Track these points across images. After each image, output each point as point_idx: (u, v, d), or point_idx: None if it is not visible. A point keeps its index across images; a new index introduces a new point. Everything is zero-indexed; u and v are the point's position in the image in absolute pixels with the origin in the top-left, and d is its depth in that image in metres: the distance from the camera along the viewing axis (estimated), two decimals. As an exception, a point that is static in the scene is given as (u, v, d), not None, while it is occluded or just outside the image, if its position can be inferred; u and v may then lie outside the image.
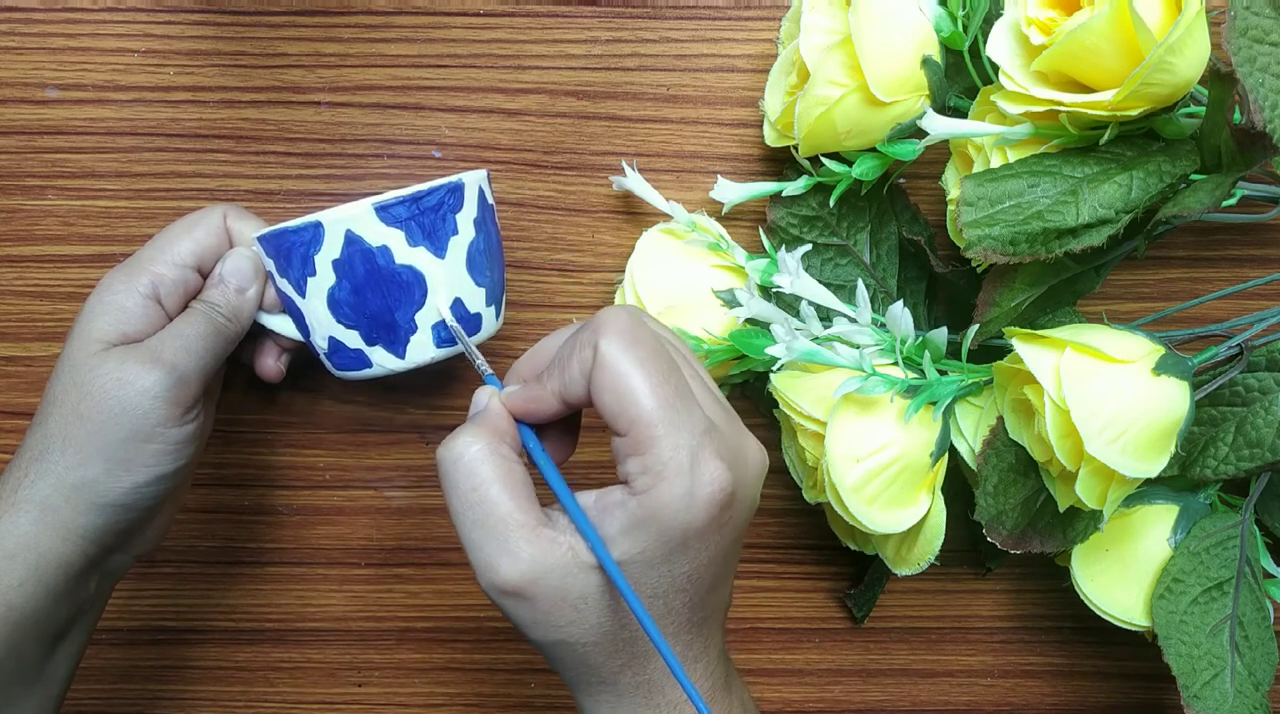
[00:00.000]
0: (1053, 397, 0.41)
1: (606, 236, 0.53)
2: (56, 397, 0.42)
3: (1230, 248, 0.53)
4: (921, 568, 0.47)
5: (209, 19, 0.51)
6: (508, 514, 0.36)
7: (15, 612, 0.40)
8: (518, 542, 0.36)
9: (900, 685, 0.56)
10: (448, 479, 0.37)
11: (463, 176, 0.44)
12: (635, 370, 0.36)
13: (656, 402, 0.35)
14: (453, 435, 0.38)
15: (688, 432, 0.35)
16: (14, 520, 0.41)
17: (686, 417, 0.36)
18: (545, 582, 0.36)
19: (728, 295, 0.48)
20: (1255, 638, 0.47)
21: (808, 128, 0.45)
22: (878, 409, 0.44)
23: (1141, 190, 0.43)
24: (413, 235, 0.42)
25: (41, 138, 0.51)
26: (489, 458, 0.37)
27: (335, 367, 0.45)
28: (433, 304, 0.44)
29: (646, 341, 0.36)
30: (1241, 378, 0.46)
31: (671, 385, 0.36)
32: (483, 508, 0.36)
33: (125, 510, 0.42)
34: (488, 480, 0.37)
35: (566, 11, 0.51)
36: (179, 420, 0.42)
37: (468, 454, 0.37)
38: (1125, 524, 0.48)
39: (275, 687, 0.56)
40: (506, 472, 0.37)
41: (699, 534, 0.36)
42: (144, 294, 0.43)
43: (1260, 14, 0.43)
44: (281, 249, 0.43)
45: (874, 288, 0.50)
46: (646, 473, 0.35)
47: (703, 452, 0.35)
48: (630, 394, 0.35)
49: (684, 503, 0.35)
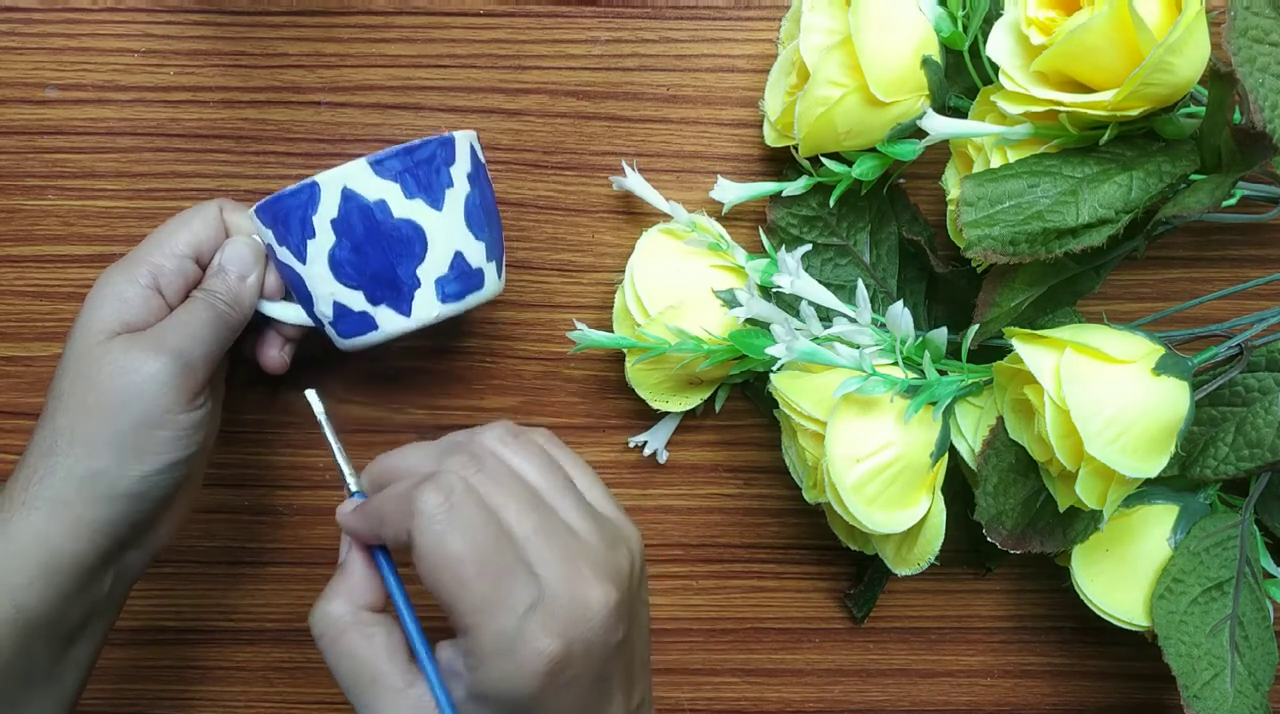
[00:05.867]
0: (1053, 397, 0.41)
1: (606, 236, 0.53)
2: (62, 390, 0.42)
3: (1230, 248, 0.53)
4: (921, 568, 0.47)
5: (209, 19, 0.51)
6: (375, 679, 0.38)
7: (25, 611, 0.40)
8: (394, 706, 0.38)
9: (900, 685, 0.56)
10: (320, 645, 0.40)
11: (453, 133, 0.44)
12: (448, 563, 0.36)
13: (471, 593, 0.36)
14: (321, 601, 0.40)
15: (506, 615, 0.36)
16: (25, 518, 0.41)
17: (506, 599, 0.36)
18: None
19: (728, 295, 0.48)
20: (1255, 638, 0.47)
21: (808, 128, 0.45)
22: (878, 409, 0.44)
23: (1141, 190, 0.43)
24: (408, 187, 0.43)
25: (41, 138, 0.51)
26: (350, 628, 0.39)
27: (341, 334, 0.45)
28: (434, 258, 0.44)
29: (464, 525, 0.37)
30: (1241, 378, 0.46)
31: (490, 571, 0.36)
32: (354, 674, 0.39)
33: (137, 500, 0.42)
34: (350, 651, 0.39)
35: (566, 11, 0.51)
36: (186, 406, 0.42)
37: (332, 628, 0.39)
38: (1125, 524, 0.48)
39: (275, 687, 0.56)
40: (368, 640, 0.39)
41: (538, 700, 0.36)
42: (144, 285, 0.43)
43: (1260, 14, 0.43)
44: (279, 215, 0.43)
45: (874, 288, 0.50)
46: (472, 654, 0.36)
47: (524, 632, 0.36)
48: (445, 585, 0.36)
49: (511, 682, 0.36)
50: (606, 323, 0.51)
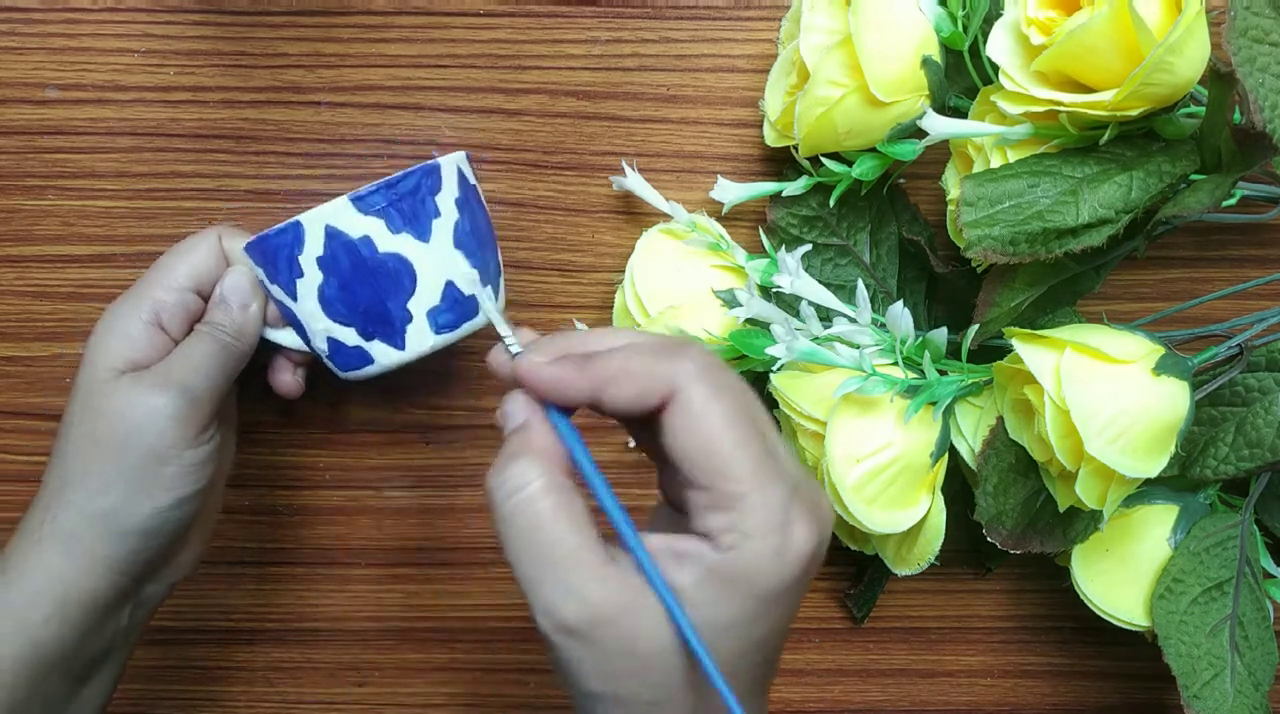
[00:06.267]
0: (1053, 397, 0.41)
1: (606, 236, 0.53)
2: (71, 429, 0.42)
3: (1230, 248, 0.53)
4: (921, 568, 0.47)
5: (209, 19, 0.51)
6: (572, 551, 0.33)
7: (41, 648, 0.40)
8: (586, 581, 0.33)
9: (900, 685, 0.56)
10: (502, 512, 0.34)
11: (439, 159, 0.43)
12: (723, 422, 0.33)
13: (747, 457, 0.33)
14: (503, 463, 0.35)
15: (779, 490, 0.33)
16: (40, 556, 0.41)
17: (776, 474, 0.34)
18: (614, 626, 0.33)
19: (728, 295, 0.48)
20: (1255, 638, 0.47)
21: (808, 128, 0.45)
22: (878, 409, 0.44)
23: (1141, 190, 0.43)
24: (393, 222, 0.42)
25: (41, 138, 0.51)
26: (549, 492, 0.34)
27: (339, 368, 0.45)
28: (424, 290, 0.43)
29: (732, 390, 0.34)
30: (1241, 378, 0.46)
31: (759, 440, 0.34)
32: (545, 546, 0.33)
33: (149, 537, 0.42)
34: (549, 517, 0.34)
35: (566, 11, 0.51)
36: (194, 441, 0.42)
37: (526, 489, 0.34)
38: (1125, 524, 0.48)
39: (275, 687, 0.56)
40: (568, 505, 0.34)
41: (785, 595, 0.34)
42: (146, 321, 0.43)
43: (1260, 14, 0.43)
44: (268, 254, 0.43)
45: (874, 288, 0.50)
46: (733, 530, 0.33)
47: (794, 510, 0.33)
48: (718, 448, 0.33)
49: (776, 564, 0.33)
50: (606, 323, 0.51)
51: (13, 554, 0.42)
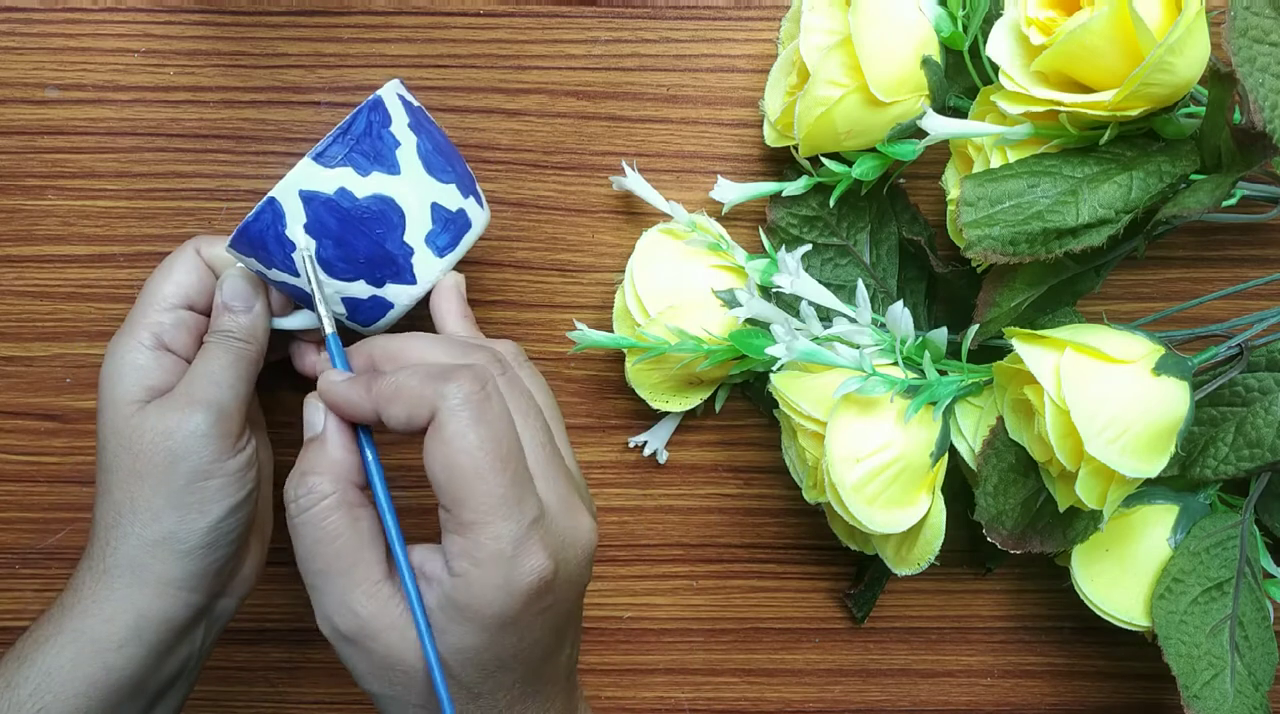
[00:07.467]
0: (1053, 397, 0.41)
1: (606, 236, 0.53)
2: (109, 465, 0.42)
3: (1230, 248, 0.53)
4: (921, 568, 0.47)
5: (209, 19, 0.51)
6: (351, 567, 0.37)
7: (115, 673, 0.41)
8: (359, 597, 0.36)
9: (900, 685, 0.56)
10: (294, 523, 0.37)
11: (377, 93, 0.43)
12: (471, 451, 0.35)
13: (487, 488, 0.35)
14: (299, 475, 0.38)
15: (514, 521, 0.35)
16: (109, 586, 0.41)
17: (516, 505, 0.35)
18: (380, 640, 0.36)
19: (728, 295, 0.48)
20: (1255, 638, 0.47)
21: (808, 128, 0.45)
22: (878, 409, 0.44)
23: (1141, 190, 0.43)
24: (360, 166, 0.42)
25: (41, 138, 0.51)
26: (337, 508, 0.37)
27: (362, 324, 0.45)
28: (414, 219, 0.43)
29: (492, 419, 0.36)
30: (1241, 378, 0.46)
31: (509, 472, 0.35)
32: (328, 559, 0.37)
33: (210, 550, 0.42)
34: (333, 532, 0.37)
35: (566, 11, 0.51)
36: (231, 451, 0.42)
37: (318, 505, 0.37)
38: (1125, 524, 0.48)
39: (275, 687, 0.56)
40: (353, 523, 0.37)
41: (515, 622, 0.36)
42: (150, 347, 0.43)
43: (1260, 14, 0.43)
44: (254, 242, 0.43)
45: (874, 288, 0.50)
46: (464, 556, 0.35)
47: (526, 542, 0.35)
48: (460, 476, 0.35)
49: (501, 595, 0.35)
50: (606, 323, 0.51)
51: (80, 587, 0.42)
